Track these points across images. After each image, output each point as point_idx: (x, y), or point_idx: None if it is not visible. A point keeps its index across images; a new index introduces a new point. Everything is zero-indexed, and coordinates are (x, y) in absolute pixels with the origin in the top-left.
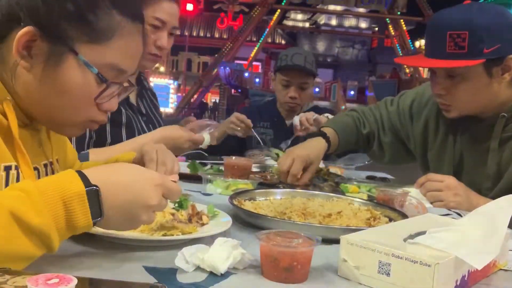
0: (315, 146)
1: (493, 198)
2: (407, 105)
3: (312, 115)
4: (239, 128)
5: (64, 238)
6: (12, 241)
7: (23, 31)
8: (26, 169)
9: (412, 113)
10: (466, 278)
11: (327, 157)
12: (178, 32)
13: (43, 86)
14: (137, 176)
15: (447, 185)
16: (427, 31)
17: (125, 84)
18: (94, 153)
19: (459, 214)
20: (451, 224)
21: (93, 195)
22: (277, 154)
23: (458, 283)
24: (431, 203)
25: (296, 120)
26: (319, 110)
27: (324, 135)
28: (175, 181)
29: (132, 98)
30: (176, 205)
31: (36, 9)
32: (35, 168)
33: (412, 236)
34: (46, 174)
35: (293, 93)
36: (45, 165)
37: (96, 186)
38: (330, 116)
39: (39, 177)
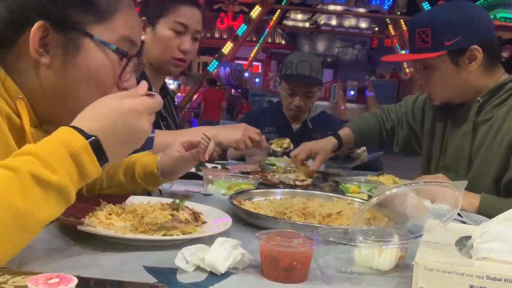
0: (323, 141)
1: (469, 178)
2: (421, 101)
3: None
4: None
5: (77, 188)
6: (36, 203)
7: (35, 27)
8: None
9: (425, 108)
10: None
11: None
12: (199, 37)
13: (66, 78)
14: (122, 113)
15: (431, 178)
16: (409, 35)
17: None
18: (159, 134)
19: (460, 215)
20: (488, 232)
21: (96, 145)
22: (274, 164)
23: None
24: None
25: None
26: (326, 116)
27: (336, 135)
28: (151, 94)
29: None
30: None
31: (42, 5)
32: None
33: (462, 250)
34: None
35: (298, 102)
36: None
37: (95, 136)
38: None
39: None
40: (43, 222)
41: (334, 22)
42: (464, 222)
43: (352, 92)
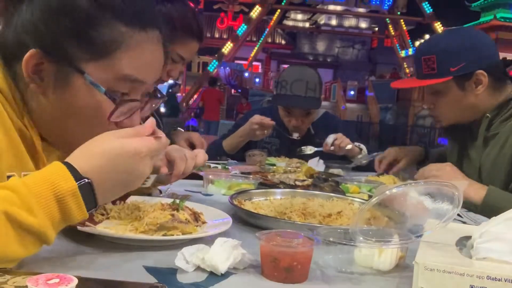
0: (410, 148)
1: None
2: None
3: (345, 144)
4: (265, 131)
5: (59, 230)
6: (7, 243)
7: (28, 54)
8: None
9: None
10: None
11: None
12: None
13: (55, 109)
14: (123, 154)
15: (439, 168)
16: (415, 61)
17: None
18: None
19: (460, 215)
20: (488, 232)
21: (86, 189)
22: (274, 164)
23: None
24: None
25: (330, 139)
26: (329, 119)
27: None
28: (157, 136)
29: None
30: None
31: (39, 32)
32: None
33: (462, 250)
34: None
35: (295, 122)
36: None
37: (88, 178)
38: (362, 146)
39: None
40: (14, 260)
41: (334, 22)
42: (464, 222)
43: (352, 92)
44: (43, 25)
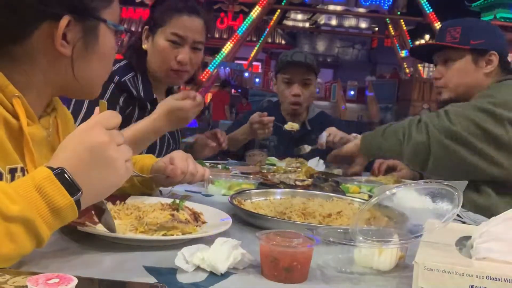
0: None
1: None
2: None
3: (339, 138)
4: (267, 130)
5: (53, 227)
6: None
7: (63, 22)
8: (32, 169)
9: None
10: None
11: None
12: (201, 47)
13: (86, 62)
14: (90, 145)
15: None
16: (438, 32)
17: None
18: None
19: (459, 215)
20: (488, 232)
21: (62, 175)
22: (274, 164)
23: None
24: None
25: (323, 138)
26: (325, 117)
27: None
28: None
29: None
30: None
31: None
32: None
33: (462, 250)
34: None
35: (296, 89)
36: None
37: (60, 167)
38: (359, 136)
39: None
40: (7, 258)
41: (334, 22)
42: (464, 222)
43: (352, 92)
44: None
